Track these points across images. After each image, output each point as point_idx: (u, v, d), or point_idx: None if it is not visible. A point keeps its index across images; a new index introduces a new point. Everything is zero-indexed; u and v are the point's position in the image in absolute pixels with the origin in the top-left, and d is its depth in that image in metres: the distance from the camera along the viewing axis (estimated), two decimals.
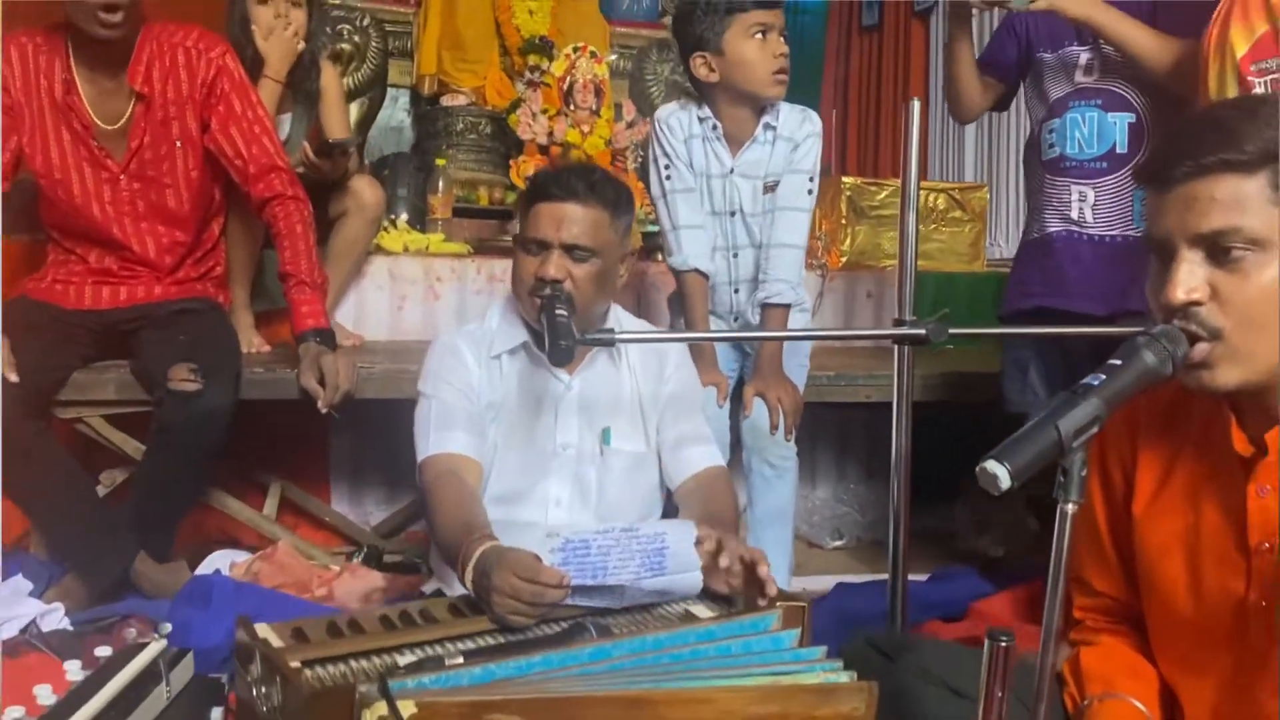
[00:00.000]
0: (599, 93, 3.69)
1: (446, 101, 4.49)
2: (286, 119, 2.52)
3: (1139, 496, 1.22)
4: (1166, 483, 1.20)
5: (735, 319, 2.19)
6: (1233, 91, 1.71)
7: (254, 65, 2.41)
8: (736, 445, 2.09)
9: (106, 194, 2.06)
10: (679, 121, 2.11)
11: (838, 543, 2.81)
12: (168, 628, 1.53)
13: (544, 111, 3.73)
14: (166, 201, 2.10)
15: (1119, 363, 1.03)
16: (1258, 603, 1.11)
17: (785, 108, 2.11)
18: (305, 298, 2.05)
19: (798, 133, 2.09)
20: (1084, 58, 2.05)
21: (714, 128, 2.10)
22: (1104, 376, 1.02)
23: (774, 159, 2.09)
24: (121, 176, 2.06)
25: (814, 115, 2.13)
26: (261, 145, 2.10)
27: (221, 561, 2.13)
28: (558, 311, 1.53)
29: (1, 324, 1.89)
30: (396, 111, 4.80)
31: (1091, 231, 2.05)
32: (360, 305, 2.75)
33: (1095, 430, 1.00)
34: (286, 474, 2.59)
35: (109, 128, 2.03)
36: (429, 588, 1.78)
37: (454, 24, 4.55)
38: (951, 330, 1.58)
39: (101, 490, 2.15)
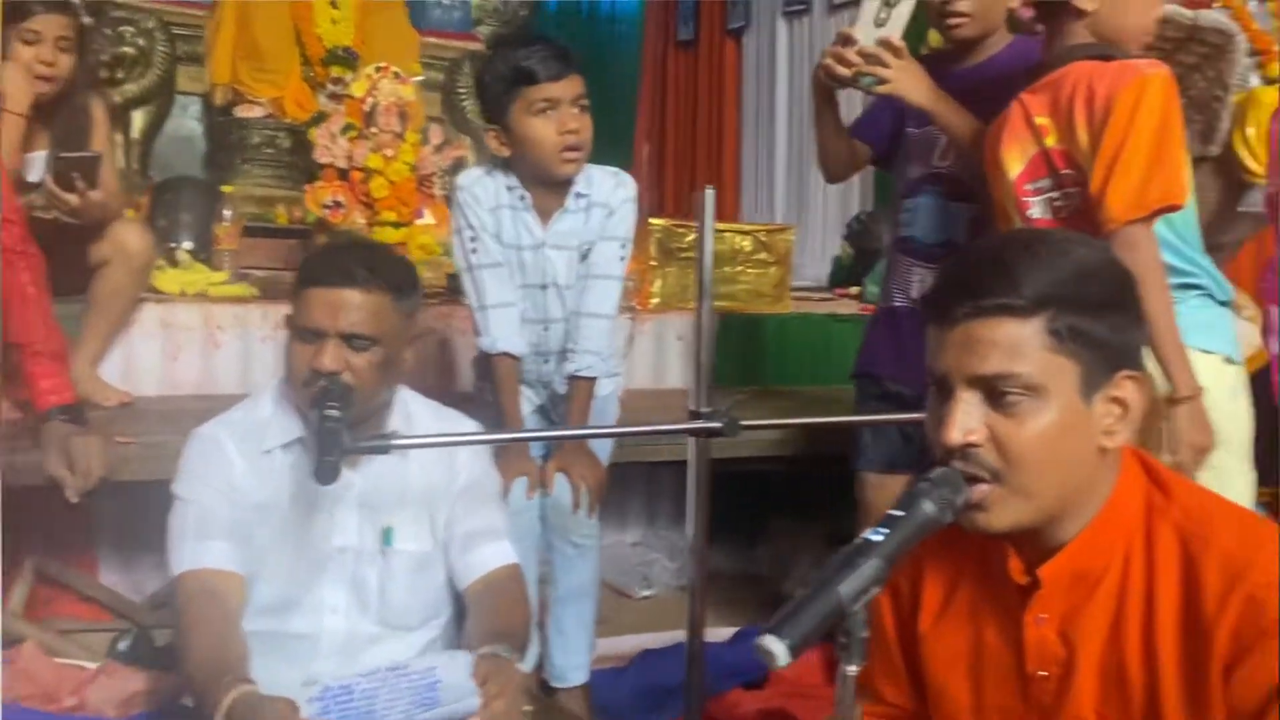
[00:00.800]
0: (404, 115, 3.52)
1: (241, 112, 4.23)
2: (39, 159, 2.27)
3: (925, 612, 1.21)
4: (951, 600, 1.19)
5: (545, 388, 2.11)
6: (1013, 209, 1.75)
7: None
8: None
9: None
10: (485, 190, 1.98)
11: (647, 592, 2.77)
12: None
13: (345, 132, 3.53)
14: None
15: (900, 514, 1.01)
16: None
17: (597, 172, 2.02)
18: (44, 370, 1.84)
19: (612, 198, 2.00)
20: (943, 140, 2.00)
21: (522, 198, 1.98)
22: (885, 531, 0.99)
23: (589, 226, 2.00)
24: None
25: (627, 179, 2.05)
26: None
27: None
28: (328, 413, 1.40)
29: None
30: (186, 120, 4.47)
31: None
32: (129, 357, 2.51)
33: (877, 590, 0.97)
34: (44, 545, 2.34)
35: None
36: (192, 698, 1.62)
37: (251, 31, 4.27)
38: (744, 423, 1.54)
39: None
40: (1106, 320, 1.02)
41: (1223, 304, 1.82)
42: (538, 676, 2.00)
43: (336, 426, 1.37)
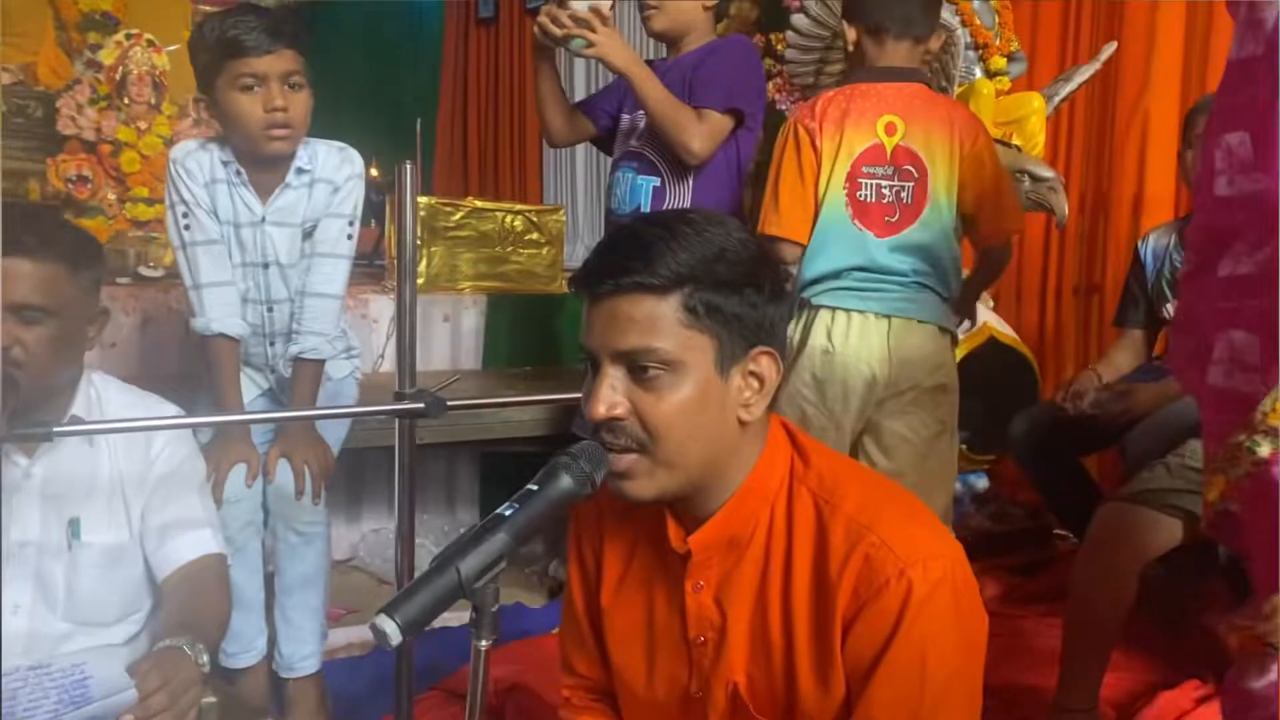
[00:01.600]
0: (158, 86, 3.35)
1: None
2: None
3: (605, 585, 1.23)
4: (628, 572, 1.22)
5: (271, 371, 2.03)
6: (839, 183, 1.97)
7: None
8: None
9: None
10: (198, 164, 1.89)
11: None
12: None
13: (93, 103, 3.32)
14: None
15: (535, 488, 1.01)
16: (696, 692, 1.14)
17: (323, 148, 1.94)
18: None
19: (337, 174, 1.93)
20: (640, 124, 2.22)
21: (238, 172, 1.89)
22: (517, 506, 0.99)
23: (312, 203, 1.93)
24: None
25: (354, 155, 1.98)
26: None
27: None
28: None
29: None
30: None
31: None
32: None
33: (502, 565, 0.98)
34: None
35: None
36: None
37: None
38: (450, 402, 1.53)
39: None
40: (741, 297, 1.05)
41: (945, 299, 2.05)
42: (267, 667, 1.93)
43: None
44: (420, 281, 3.01)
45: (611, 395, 1.04)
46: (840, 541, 1.05)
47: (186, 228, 1.88)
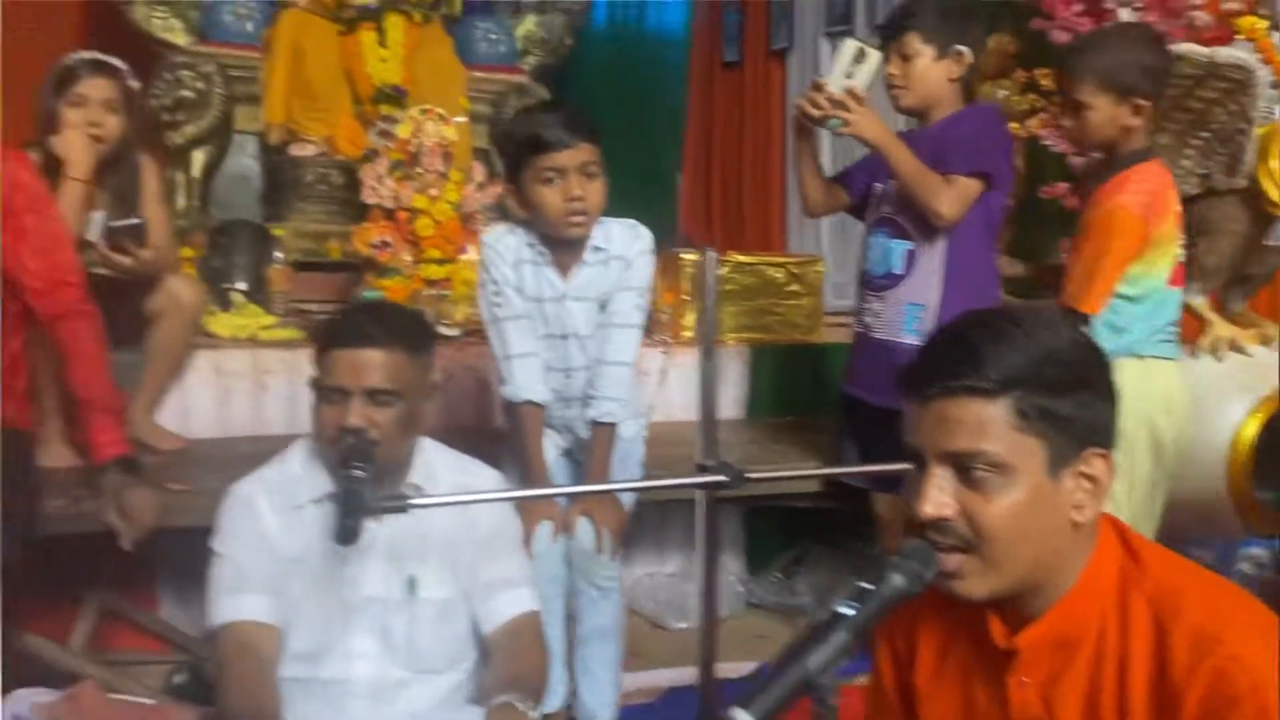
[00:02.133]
0: (447, 156, 3.64)
1: (295, 151, 4.37)
2: (98, 218, 2.41)
3: (920, 669, 1.26)
4: (944, 659, 1.24)
5: (569, 432, 2.19)
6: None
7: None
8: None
9: None
10: (507, 246, 2.08)
11: (682, 624, 2.82)
12: None
13: (392, 172, 3.66)
14: None
15: (870, 587, 1.06)
16: None
17: (616, 226, 2.10)
18: (102, 425, 1.96)
19: (628, 250, 2.08)
20: (891, 191, 2.31)
21: (542, 254, 2.07)
22: (855, 605, 1.04)
23: (607, 278, 2.08)
24: None
25: (644, 232, 2.13)
26: (52, 260, 2.00)
27: (23, 702, 2.01)
28: (353, 472, 1.49)
29: None
30: (243, 159, 4.62)
31: (876, 335, 2.35)
32: (184, 401, 2.65)
33: (846, 660, 1.02)
34: (107, 580, 2.47)
35: None
36: None
37: (303, 71, 4.42)
38: (748, 475, 1.60)
39: None
40: (1073, 399, 1.06)
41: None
42: (567, 715, 2.07)
43: (358, 487, 1.46)
44: (688, 334, 3.13)
45: (939, 496, 1.07)
46: (1185, 653, 1.03)
47: (497, 304, 2.06)
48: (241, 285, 3.43)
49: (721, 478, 1.59)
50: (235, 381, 2.71)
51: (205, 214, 4.24)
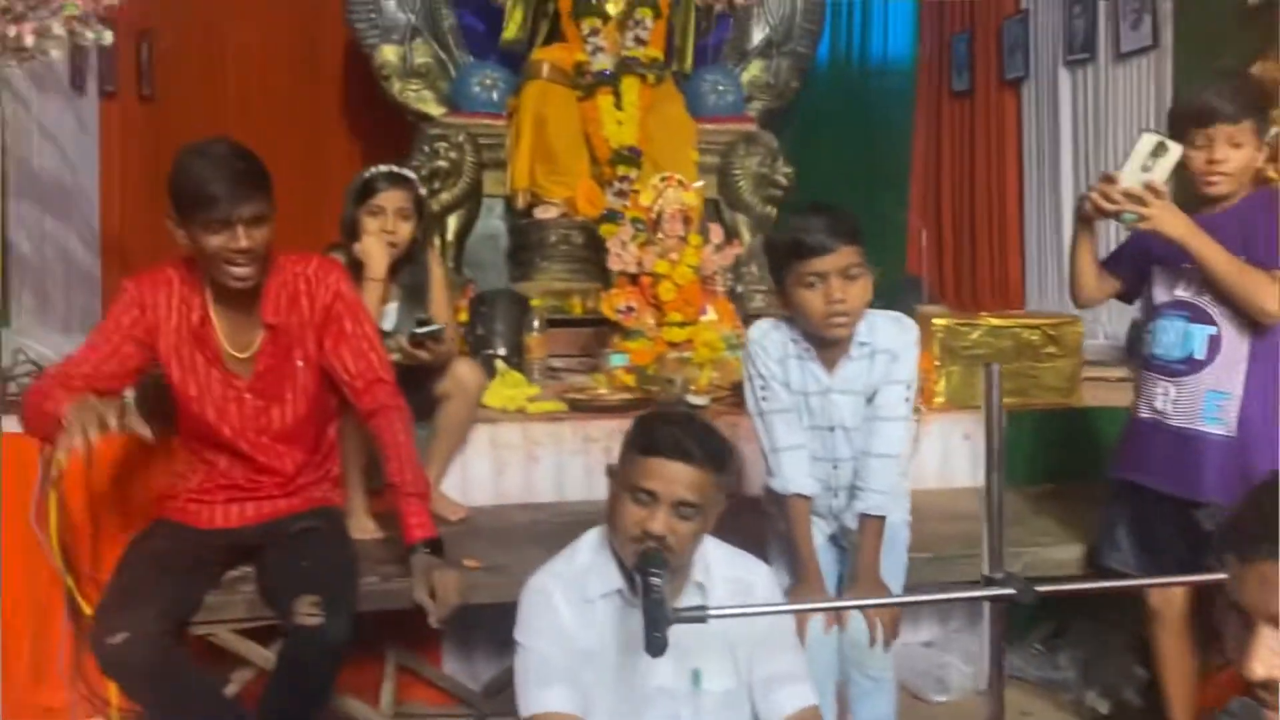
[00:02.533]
0: (687, 220, 3.77)
1: (539, 214, 4.63)
2: (392, 309, 2.67)
3: None
4: None
5: (835, 519, 2.23)
6: None
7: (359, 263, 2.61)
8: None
9: (233, 412, 2.22)
10: (773, 342, 2.15)
11: (942, 697, 2.80)
12: None
13: (634, 239, 3.81)
14: (288, 416, 2.25)
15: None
16: None
17: (881, 319, 2.11)
18: (413, 509, 2.17)
19: (895, 344, 2.10)
20: (1186, 274, 2.23)
21: (807, 349, 2.12)
22: None
23: (873, 372, 2.11)
24: (247, 395, 2.22)
25: (909, 325, 2.14)
26: (368, 361, 2.24)
27: None
28: (652, 580, 1.58)
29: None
30: (491, 220, 4.96)
31: (1171, 423, 2.26)
32: (465, 473, 2.88)
33: None
34: (399, 638, 2.71)
35: (239, 355, 2.19)
36: None
37: (545, 138, 4.68)
38: (1039, 589, 1.59)
39: (232, 688, 2.29)
40: None
41: None
42: None
43: (661, 598, 1.55)
44: (939, 400, 3.10)
45: (1271, 658, 1.06)
46: None
47: (764, 398, 2.13)
48: (501, 351, 3.67)
49: (1011, 591, 1.60)
50: (508, 454, 2.92)
51: (460, 275, 4.57)
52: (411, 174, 2.77)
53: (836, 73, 6.65)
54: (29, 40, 2.89)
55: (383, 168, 2.70)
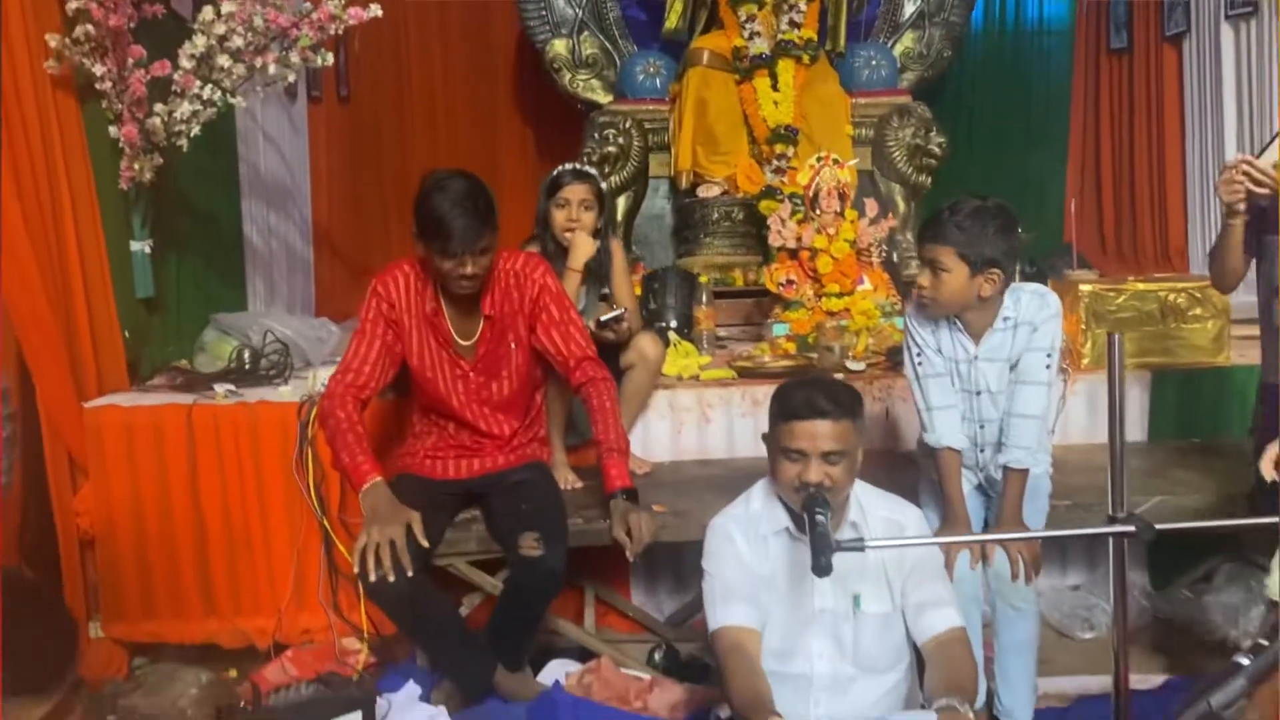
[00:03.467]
0: (842, 196, 4.01)
1: (702, 193, 4.94)
2: (581, 292, 3.06)
3: None
4: None
5: (981, 471, 2.49)
6: None
7: (555, 252, 3.01)
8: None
9: (460, 387, 2.65)
10: (927, 316, 2.40)
11: (1088, 635, 3.02)
12: None
13: (793, 216, 4.09)
14: (504, 389, 2.67)
15: (1266, 644, 1.32)
16: None
17: (1025, 294, 2.33)
18: (614, 462, 2.55)
19: (1036, 317, 2.31)
20: None
21: (954, 321, 2.37)
22: (1252, 657, 1.31)
23: (1015, 343, 2.34)
24: (471, 373, 2.65)
25: (1051, 299, 2.34)
26: (576, 342, 2.64)
27: (559, 670, 2.68)
28: (818, 516, 1.90)
29: (394, 494, 2.52)
30: (657, 200, 5.31)
31: None
32: (646, 434, 3.26)
33: (1244, 703, 1.29)
34: (595, 574, 3.12)
35: (465, 342, 2.63)
36: (724, 712, 2.21)
37: (706, 121, 4.99)
38: (1159, 526, 1.83)
39: (464, 610, 2.75)
40: None
41: None
42: (987, 715, 2.39)
43: (825, 529, 1.86)
44: (1085, 362, 3.29)
45: None
46: None
47: (919, 363, 2.41)
48: (673, 323, 4.03)
49: (1131, 529, 1.85)
50: (684, 415, 3.29)
51: (630, 252, 4.93)
52: (594, 170, 3.14)
53: (991, 37, 6.69)
54: (272, 69, 3.39)
55: (569, 165, 3.09)
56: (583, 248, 2.98)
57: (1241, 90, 4.92)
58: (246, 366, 3.45)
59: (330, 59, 3.60)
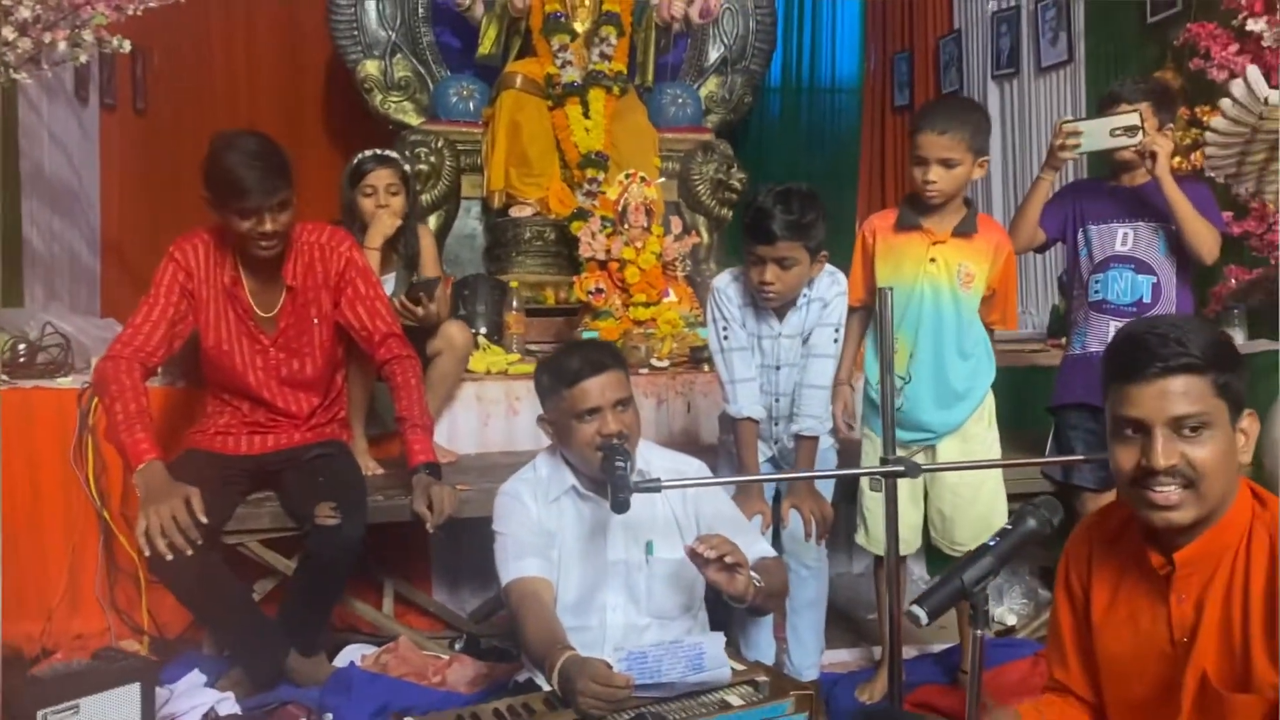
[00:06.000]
0: (649, 212, 4.17)
1: (515, 213, 5.00)
2: (390, 278, 3.05)
3: (1096, 606, 1.63)
4: (1117, 593, 1.61)
5: (775, 444, 2.62)
6: None
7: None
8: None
9: (259, 362, 2.58)
10: (734, 292, 2.52)
11: (870, 616, 3.19)
12: (329, 717, 2.00)
13: (602, 229, 4.21)
14: (305, 367, 2.61)
15: (1009, 528, 1.47)
16: (1173, 682, 1.50)
17: (819, 272, 2.48)
18: (417, 437, 2.54)
19: (827, 293, 2.48)
20: (1122, 233, 2.70)
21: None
22: (997, 539, 1.45)
23: (809, 317, 2.50)
24: (271, 349, 2.58)
25: (840, 277, 2.52)
26: (381, 317, 2.61)
27: (354, 654, 2.62)
28: (617, 465, 1.96)
29: (179, 470, 2.42)
30: (469, 220, 5.32)
31: None
32: (452, 424, 3.25)
33: (992, 578, 1.43)
34: (396, 571, 3.07)
35: (265, 314, 2.56)
36: (522, 676, 2.21)
37: (519, 144, 5.06)
38: (925, 466, 2.00)
39: (256, 596, 2.65)
40: (1236, 374, 1.45)
41: None
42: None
43: (625, 472, 1.93)
44: None
45: (1170, 451, 1.43)
46: None
47: (725, 338, 2.52)
48: (483, 330, 4.05)
49: (900, 469, 2.01)
50: (491, 407, 3.30)
51: (441, 271, 4.91)
52: (396, 155, 3.15)
53: (788, 94, 7.15)
54: (61, 47, 3.23)
55: (369, 151, 3.09)
56: (381, 225, 2.98)
57: (1005, 140, 5.46)
58: (21, 359, 3.23)
59: (128, 45, 3.48)
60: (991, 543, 1.46)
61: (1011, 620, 3.12)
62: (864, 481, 2.55)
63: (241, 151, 2.36)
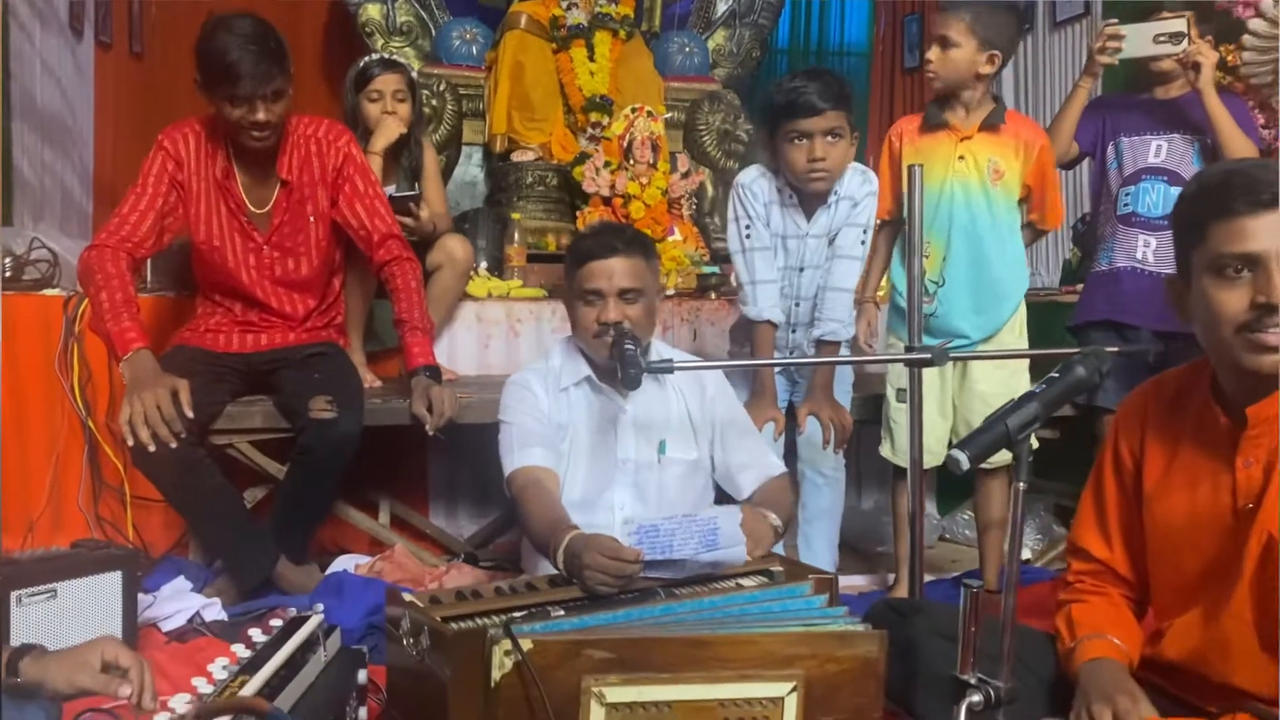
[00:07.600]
0: (655, 148, 4.07)
1: (516, 157, 4.89)
2: (390, 190, 2.94)
3: (1149, 476, 1.52)
4: (1173, 461, 1.50)
5: (791, 352, 2.51)
6: None
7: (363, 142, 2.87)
8: (789, 457, 2.42)
9: (252, 261, 2.47)
10: (760, 188, 2.40)
11: (880, 549, 3.10)
12: (320, 608, 1.89)
13: (606, 166, 4.11)
14: (300, 267, 2.51)
15: (1057, 375, 1.37)
16: (1233, 552, 1.39)
17: (848, 171, 2.37)
18: (417, 340, 2.44)
19: (857, 192, 2.37)
20: (1155, 145, 2.63)
21: (790, 196, 2.38)
22: (1044, 386, 1.35)
23: (836, 217, 2.38)
24: (265, 247, 2.47)
25: (872, 175, 2.41)
26: (381, 217, 2.51)
27: (346, 564, 2.51)
28: (627, 346, 1.87)
29: (166, 366, 2.31)
30: (470, 167, 5.22)
31: (1151, 269, 2.61)
32: (452, 345, 3.15)
33: (1037, 425, 1.34)
34: (392, 493, 2.97)
35: (258, 210, 2.45)
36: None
37: (522, 87, 4.97)
38: (953, 355, 1.91)
39: (247, 503, 2.54)
40: None
41: None
42: None
43: (635, 351, 1.84)
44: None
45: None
46: None
47: (747, 236, 2.41)
48: (484, 264, 3.94)
49: (927, 356, 1.92)
50: (493, 328, 3.20)
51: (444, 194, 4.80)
52: (403, 59, 3.04)
53: (796, 57, 7.05)
54: None
55: (376, 55, 2.98)
56: (386, 130, 2.87)
57: (1020, 97, 5.35)
58: (8, 274, 3.12)
59: None
60: (1038, 389, 1.36)
61: (1026, 554, 3.03)
62: (890, 393, 2.45)
63: (236, 34, 2.26)
